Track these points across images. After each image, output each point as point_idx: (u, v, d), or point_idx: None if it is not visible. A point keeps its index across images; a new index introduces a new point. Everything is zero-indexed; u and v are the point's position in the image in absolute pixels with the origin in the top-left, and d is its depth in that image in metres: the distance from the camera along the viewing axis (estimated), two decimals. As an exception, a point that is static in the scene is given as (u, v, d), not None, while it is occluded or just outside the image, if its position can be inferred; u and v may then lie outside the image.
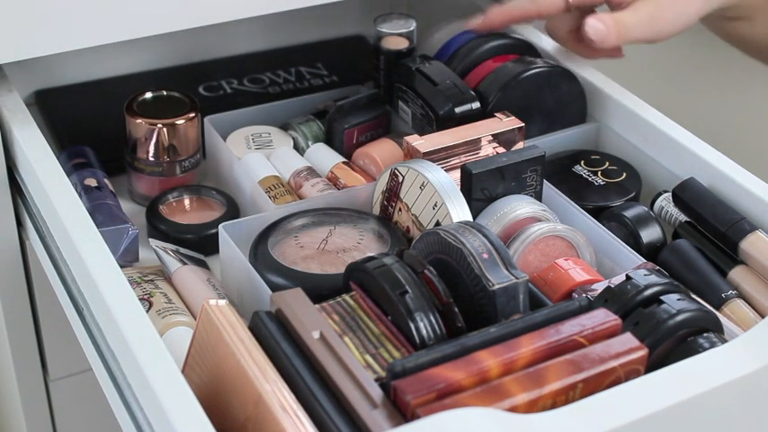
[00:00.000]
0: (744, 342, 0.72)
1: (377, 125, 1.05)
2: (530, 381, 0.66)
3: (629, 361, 0.68)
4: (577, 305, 0.72)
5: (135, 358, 0.70)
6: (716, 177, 0.91)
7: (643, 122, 0.98)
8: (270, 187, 0.96)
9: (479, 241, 0.76)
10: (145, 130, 1.00)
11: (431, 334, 0.71)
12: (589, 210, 0.92)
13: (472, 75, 1.03)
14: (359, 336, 0.73)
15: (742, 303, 0.83)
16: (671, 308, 0.73)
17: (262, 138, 1.04)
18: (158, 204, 0.99)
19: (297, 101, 1.09)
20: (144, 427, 0.71)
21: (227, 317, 0.70)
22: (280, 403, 0.65)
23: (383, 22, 1.08)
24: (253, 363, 0.67)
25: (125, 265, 0.93)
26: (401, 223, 0.90)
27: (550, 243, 0.87)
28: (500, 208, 0.88)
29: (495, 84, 0.99)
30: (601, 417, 0.65)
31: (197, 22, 0.97)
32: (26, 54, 0.92)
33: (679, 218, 0.92)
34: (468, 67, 1.03)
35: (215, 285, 0.88)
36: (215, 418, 0.67)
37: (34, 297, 1.03)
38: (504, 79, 0.99)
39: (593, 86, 1.03)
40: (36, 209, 0.91)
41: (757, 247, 0.85)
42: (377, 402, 0.65)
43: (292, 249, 0.87)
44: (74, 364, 1.08)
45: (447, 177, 0.86)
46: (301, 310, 0.72)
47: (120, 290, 0.76)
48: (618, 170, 0.98)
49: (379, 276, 0.74)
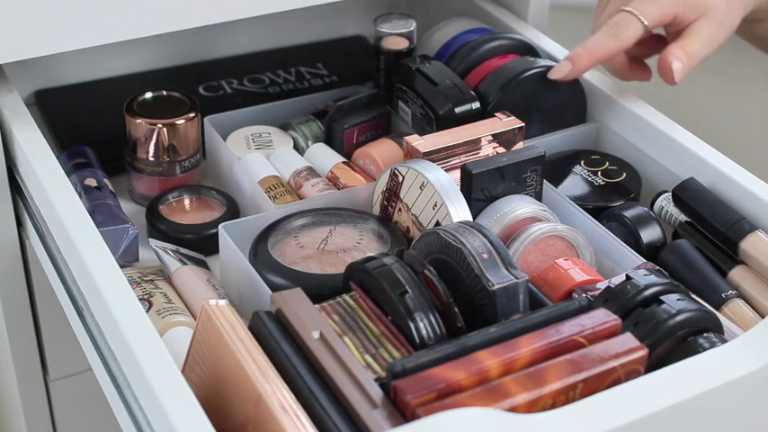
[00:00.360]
0: (744, 342, 0.72)
1: (377, 125, 1.05)
2: (530, 381, 0.66)
3: (629, 361, 0.68)
4: (577, 305, 0.72)
5: (135, 358, 0.70)
6: (716, 177, 0.91)
7: (643, 122, 0.98)
8: (270, 187, 0.96)
9: (479, 241, 0.76)
10: (145, 130, 1.00)
11: (431, 334, 0.71)
12: (589, 210, 0.92)
13: (472, 74, 1.03)
14: (359, 336, 0.73)
15: (742, 303, 0.83)
16: (671, 308, 0.73)
17: (262, 138, 1.04)
18: (158, 204, 0.99)
19: (297, 101, 1.09)
20: (144, 427, 0.71)
21: (227, 317, 0.70)
22: (280, 403, 0.65)
23: (383, 22, 1.08)
24: (253, 363, 0.67)
25: (125, 265, 0.93)
26: (401, 223, 0.90)
27: (550, 243, 0.87)
28: (500, 208, 0.88)
29: (495, 83, 0.99)
30: (601, 417, 0.65)
31: (197, 22, 0.97)
32: (26, 54, 0.92)
33: (679, 218, 0.92)
34: (468, 66, 1.03)
35: (215, 285, 0.88)
36: (215, 418, 0.67)
37: (34, 297, 1.03)
38: (505, 79, 0.99)
39: (594, 86, 1.04)
40: (36, 209, 0.91)
41: (757, 247, 0.85)
42: (377, 402, 0.65)
43: (292, 249, 0.87)
44: (74, 364, 1.08)
45: (447, 177, 0.86)
46: (301, 310, 0.72)
47: (120, 290, 0.76)
48: (618, 170, 0.98)
49: (379, 276, 0.74)
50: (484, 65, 1.03)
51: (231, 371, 0.68)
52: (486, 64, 1.03)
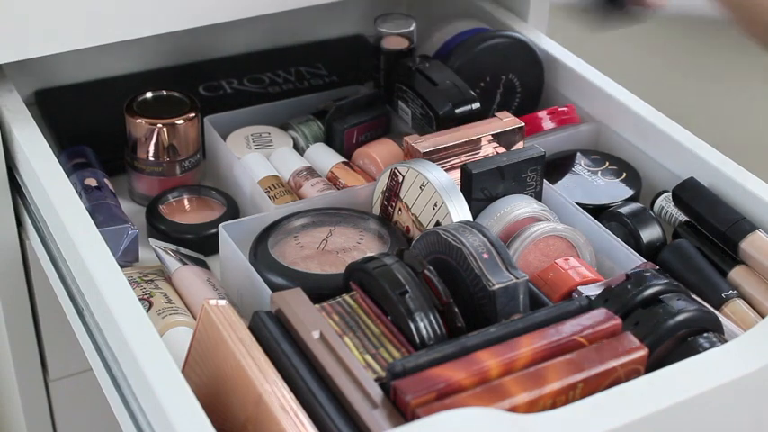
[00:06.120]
0: (744, 342, 0.72)
1: (377, 125, 1.05)
2: (530, 381, 0.66)
3: (629, 361, 0.68)
4: (577, 305, 0.72)
5: (135, 358, 0.70)
6: (716, 177, 0.91)
7: (643, 122, 0.98)
8: (270, 187, 0.96)
9: (479, 241, 0.76)
10: (145, 130, 1.00)
11: (431, 334, 0.71)
12: (589, 210, 0.92)
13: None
14: (359, 336, 0.73)
15: (742, 303, 0.83)
16: (671, 308, 0.73)
17: (262, 138, 1.04)
18: (158, 204, 0.99)
19: (297, 101, 1.09)
20: (144, 427, 0.71)
21: (227, 317, 0.70)
22: (280, 403, 0.65)
23: (383, 22, 1.08)
24: (253, 363, 0.67)
25: (125, 265, 0.93)
26: (401, 223, 0.90)
27: (550, 243, 0.87)
28: (500, 208, 0.88)
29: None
30: (601, 417, 0.65)
31: (197, 22, 0.97)
32: (26, 54, 0.92)
33: (679, 218, 0.92)
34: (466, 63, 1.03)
35: (215, 285, 0.88)
36: (215, 418, 0.67)
37: (34, 297, 1.03)
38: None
39: (594, 86, 1.04)
40: (36, 209, 0.91)
41: (757, 246, 0.85)
42: (377, 402, 0.65)
43: (292, 249, 0.87)
44: (74, 364, 1.08)
45: (447, 177, 0.86)
46: (301, 310, 0.72)
47: (120, 290, 0.76)
48: (618, 170, 0.98)
49: (379, 276, 0.74)
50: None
51: (231, 371, 0.68)
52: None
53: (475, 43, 1.04)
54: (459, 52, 1.04)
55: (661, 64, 1.51)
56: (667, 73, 1.56)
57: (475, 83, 1.04)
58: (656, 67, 1.06)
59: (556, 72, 1.08)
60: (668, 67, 1.53)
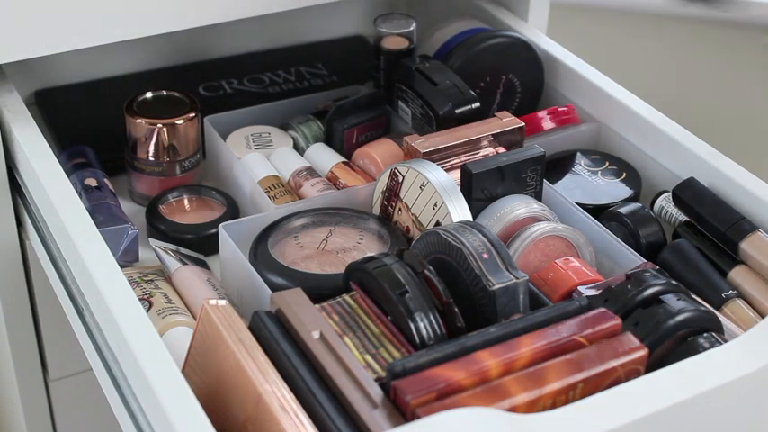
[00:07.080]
0: (744, 342, 0.72)
1: (377, 125, 1.05)
2: (530, 381, 0.66)
3: (629, 361, 0.68)
4: (577, 305, 0.72)
5: (135, 358, 0.70)
6: (716, 177, 0.91)
7: (643, 122, 0.98)
8: (270, 187, 0.96)
9: (479, 241, 0.76)
10: (145, 130, 1.00)
11: (431, 334, 0.71)
12: (589, 210, 0.92)
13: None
14: (359, 336, 0.73)
15: (742, 303, 0.83)
16: (671, 308, 0.73)
17: (262, 138, 1.04)
18: (158, 204, 0.99)
19: (297, 101, 1.09)
20: (144, 427, 0.71)
21: (227, 317, 0.70)
22: (280, 403, 0.65)
23: (383, 22, 1.08)
24: (253, 363, 0.67)
25: (125, 265, 0.93)
26: (401, 223, 0.90)
27: (550, 243, 0.87)
28: (500, 208, 0.88)
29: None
30: (601, 417, 0.65)
31: (197, 22, 0.97)
32: (26, 54, 0.92)
33: (679, 218, 0.92)
34: (466, 63, 1.03)
35: (215, 285, 0.88)
36: (215, 418, 0.67)
37: (34, 297, 1.03)
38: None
39: (594, 86, 1.04)
40: (36, 209, 0.91)
41: (757, 247, 0.85)
42: (377, 402, 0.65)
43: (292, 249, 0.87)
44: (74, 364, 1.08)
45: (447, 177, 0.86)
46: (301, 310, 0.72)
47: (120, 290, 0.76)
48: (618, 170, 0.98)
49: (379, 276, 0.74)
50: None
51: (231, 371, 0.68)
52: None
53: (475, 43, 1.04)
54: (459, 52, 1.04)
55: (661, 64, 1.51)
56: (667, 73, 1.56)
57: (475, 83, 1.04)
58: (656, 67, 1.06)
59: (556, 72, 1.08)
60: (668, 66, 1.53)
